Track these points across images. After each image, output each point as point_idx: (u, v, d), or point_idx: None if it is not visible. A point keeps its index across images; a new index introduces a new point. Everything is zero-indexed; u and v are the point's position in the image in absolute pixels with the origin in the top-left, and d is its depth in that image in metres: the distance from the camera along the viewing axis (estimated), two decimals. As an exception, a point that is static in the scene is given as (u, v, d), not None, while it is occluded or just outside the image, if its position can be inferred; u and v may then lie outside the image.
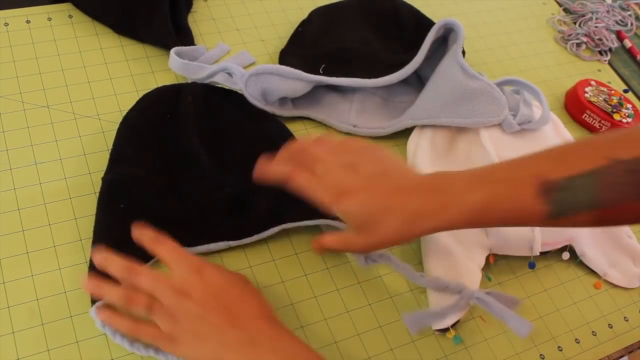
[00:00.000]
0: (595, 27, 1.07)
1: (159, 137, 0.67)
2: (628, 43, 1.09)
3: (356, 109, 0.79)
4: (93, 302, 0.56)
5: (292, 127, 0.75)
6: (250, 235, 0.64)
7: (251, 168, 0.62)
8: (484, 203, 0.54)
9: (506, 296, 0.62)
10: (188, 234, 0.61)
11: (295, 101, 0.77)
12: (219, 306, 0.51)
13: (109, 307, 0.54)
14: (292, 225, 0.65)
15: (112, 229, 0.59)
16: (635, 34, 1.12)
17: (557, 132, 0.84)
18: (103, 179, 0.63)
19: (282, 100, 0.75)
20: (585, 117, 0.92)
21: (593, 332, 0.72)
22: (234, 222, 0.63)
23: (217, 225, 0.63)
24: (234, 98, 0.73)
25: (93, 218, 0.63)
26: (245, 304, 0.53)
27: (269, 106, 0.74)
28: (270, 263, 0.66)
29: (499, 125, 0.78)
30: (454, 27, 0.75)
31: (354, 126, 0.77)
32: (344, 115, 0.78)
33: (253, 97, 0.72)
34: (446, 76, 0.74)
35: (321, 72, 0.75)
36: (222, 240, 0.63)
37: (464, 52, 0.79)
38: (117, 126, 0.68)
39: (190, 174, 0.65)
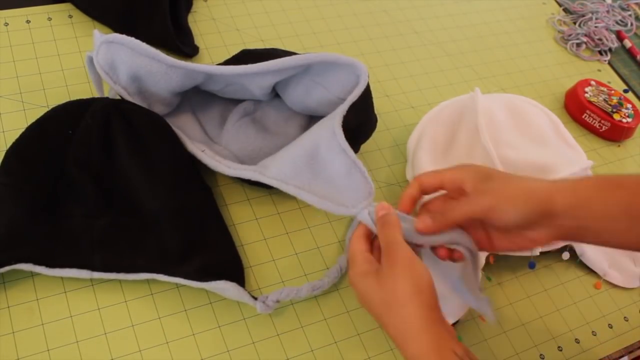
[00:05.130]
0: (595, 27, 1.07)
1: (52, 153, 0.63)
2: (628, 43, 1.09)
3: (229, 124, 0.72)
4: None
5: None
6: (117, 272, 0.60)
7: (138, 201, 0.62)
8: None
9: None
10: (51, 254, 0.58)
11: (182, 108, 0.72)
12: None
13: None
14: (167, 278, 0.60)
15: None
16: (635, 34, 1.12)
17: (557, 132, 0.84)
18: None
19: (165, 99, 0.69)
20: (585, 117, 0.92)
21: (593, 332, 0.72)
22: (103, 253, 0.60)
23: (84, 252, 0.60)
24: (139, 120, 0.65)
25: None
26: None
27: (118, 85, 0.66)
28: (271, 263, 0.66)
29: (500, 125, 0.78)
30: (358, 73, 0.65)
31: (203, 151, 0.67)
32: (210, 125, 0.73)
33: (101, 67, 0.65)
34: (314, 140, 0.63)
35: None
36: (86, 268, 0.59)
37: (369, 96, 0.69)
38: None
39: (70, 196, 0.62)
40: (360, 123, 0.68)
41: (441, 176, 0.59)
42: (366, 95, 0.67)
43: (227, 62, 0.73)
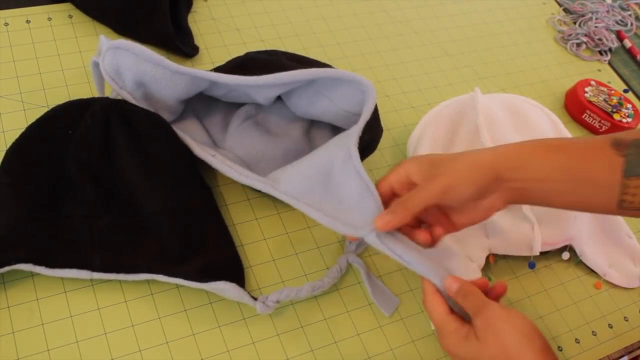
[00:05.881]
0: (595, 27, 1.07)
1: (52, 153, 0.63)
2: (628, 43, 1.09)
3: (232, 127, 0.72)
4: None
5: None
6: (117, 272, 0.60)
7: (138, 201, 0.62)
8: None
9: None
10: (51, 254, 0.58)
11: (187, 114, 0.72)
12: None
13: None
14: (166, 279, 0.60)
15: None
16: (635, 34, 1.12)
17: (557, 132, 0.84)
18: None
19: (171, 107, 0.69)
20: (585, 117, 0.92)
21: (593, 332, 0.72)
22: (103, 254, 0.60)
23: (84, 252, 0.60)
24: (139, 120, 0.64)
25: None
26: None
27: (124, 91, 0.66)
28: (271, 263, 0.66)
29: (500, 125, 0.78)
30: (365, 90, 0.65)
31: (213, 155, 0.67)
32: (214, 129, 0.73)
33: (107, 72, 0.65)
34: (328, 159, 0.62)
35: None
36: (86, 269, 0.59)
37: (376, 110, 0.69)
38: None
39: (70, 196, 0.62)
40: (370, 138, 0.68)
41: (388, 181, 0.60)
42: (374, 110, 0.67)
43: (230, 64, 0.73)
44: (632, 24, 1.12)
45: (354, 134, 0.62)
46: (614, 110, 0.91)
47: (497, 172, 0.57)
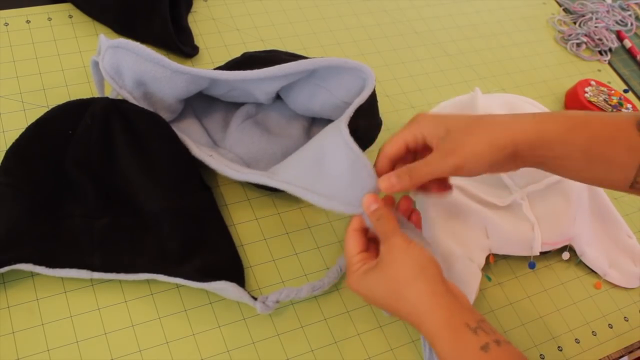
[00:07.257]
0: (595, 27, 1.07)
1: (52, 153, 0.63)
2: (628, 43, 1.09)
3: (232, 126, 0.72)
4: None
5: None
6: (117, 272, 0.60)
7: (138, 201, 0.62)
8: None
9: None
10: (51, 254, 0.58)
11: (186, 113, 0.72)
12: None
13: None
14: (166, 279, 0.60)
15: None
16: (635, 34, 1.12)
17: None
18: None
19: (170, 106, 0.69)
20: (585, 117, 0.92)
21: (593, 332, 0.72)
22: (103, 254, 0.60)
23: (84, 252, 0.60)
24: (139, 120, 0.65)
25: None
26: None
27: (124, 90, 0.66)
28: (271, 263, 0.66)
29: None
30: (366, 77, 0.66)
31: (210, 155, 0.67)
32: (214, 128, 0.73)
33: (106, 72, 0.65)
34: (320, 142, 0.63)
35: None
36: (86, 268, 0.59)
37: (375, 99, 0.69)
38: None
39: (70, 196, 0.62)
40: (366, 126, 0.68)
41: (404, 139, 0.59)
42: (372, 98, 0.67)
43: (229, 65, 0.73)
44: (632, 24, 1.12)
45: (345, 115, 0.62)
46: (614, 110, 0.91)
47: (515, 150, 0.56)
